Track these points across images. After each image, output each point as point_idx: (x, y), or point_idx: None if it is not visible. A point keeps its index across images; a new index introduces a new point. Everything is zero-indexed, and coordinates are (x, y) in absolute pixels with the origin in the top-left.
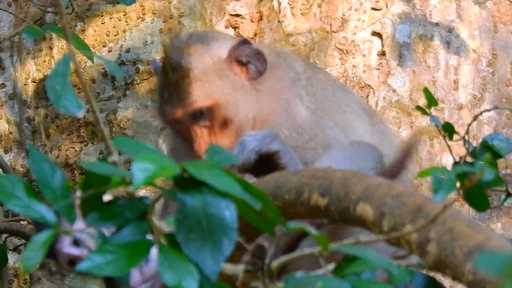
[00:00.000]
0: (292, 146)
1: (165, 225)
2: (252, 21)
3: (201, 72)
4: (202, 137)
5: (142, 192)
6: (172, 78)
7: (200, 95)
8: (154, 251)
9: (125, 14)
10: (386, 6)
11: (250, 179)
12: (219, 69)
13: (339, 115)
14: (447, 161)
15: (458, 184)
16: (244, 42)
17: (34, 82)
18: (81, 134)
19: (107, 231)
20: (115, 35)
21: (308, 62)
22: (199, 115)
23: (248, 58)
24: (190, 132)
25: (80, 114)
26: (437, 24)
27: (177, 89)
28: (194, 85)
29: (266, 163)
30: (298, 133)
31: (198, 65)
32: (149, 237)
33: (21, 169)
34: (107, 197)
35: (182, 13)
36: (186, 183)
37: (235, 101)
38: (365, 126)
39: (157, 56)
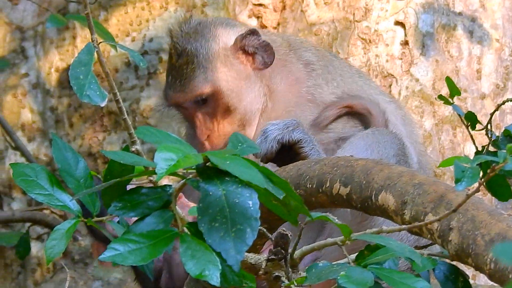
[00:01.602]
0: (328, 129)
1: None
2: (275, 11)
3: (205, 58)
4: (205, 123)
5: (165, 181)
6: (176, 63)
7: (203, 81)
8: None
9: (148, 4)
10: None
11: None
12: (224, 57)
13: (362, 97)
14: (470, 150)
15: (480, 174)
16: (253, 32)
17: (57, 71)
18: (104, 124)
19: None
20: (138, 25)
21: (321, 50)
22: (202, 101)
23: (255, 49)
24: (193, 118)
25: (103, 103)
26: (460, 14)
27: (181, 75)
28: (198, 71)
29: (288, 152)
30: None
31: (203, 51)
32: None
33: (44, 158)
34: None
35: (206, 2)
36: (209, 172)
37: (239, 90)
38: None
39: None
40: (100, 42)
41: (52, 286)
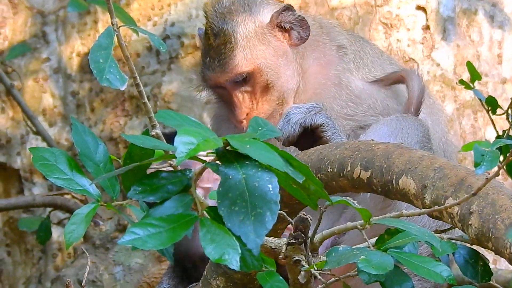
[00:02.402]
0: (350, 116)
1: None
2: None
3: (242, 37)
4: (244, 102)
5: None
6: (214, 43)
7: (242, 60)
8: None
9: None
10: None
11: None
12: (261, 34)
13: (392, 87)
14: (491, 135)
15: (501, 158)
16: (288, 8)
17: (78, 56)
18: (126, 108)
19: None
20: (160, 9)
21: (354, 35)
22: (241, 80)
23: (291, 24)
24: (232, 98)
25: (123, 87)
26: None
27: (219, 55)
28: (236, 50)
29: (310, 135)
30: (357, 104)
31: (240, 30)
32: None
33: (66, 143)
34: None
35: None
36: (229, 156)
37: (277, 67)
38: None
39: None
40: (120, 26)
41: (73, 271)
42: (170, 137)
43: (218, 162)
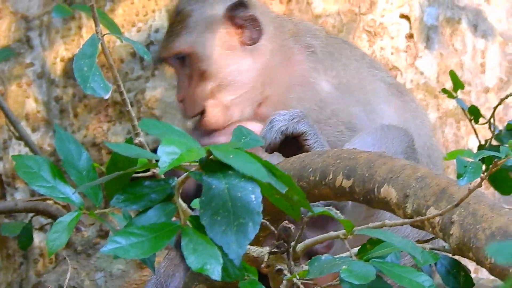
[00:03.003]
0: (313, 121)
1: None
2: (281, 2)
3: (194, 21)
4: (183, 84)
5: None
6: (171, 21)
7: (184, 40)
8: None
9: None
10: None
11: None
12: (212, 24)
13: (361, 93)
14: (473, 143)
15: (483, 167)
16: (241, 4)
17: (62, 61)
18: (109, 114)
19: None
20: (144, 15)
21: (334, 37)
22: (181, 61)
23: (244, 22)
24: (177, 77)
25: (107, 96)
26: (464, 7)
27: (170, 31)
28: (184, 30)
29: (294, 143)
30: (321, 107)
31: (195, 14)
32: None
33: (49, 148)
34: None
35: None
36: (212, 166)
37: (217, 58)
38: (386, 107)
39: None
40: (105, 34)
41: (54, 277)
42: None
43: (201, 171)
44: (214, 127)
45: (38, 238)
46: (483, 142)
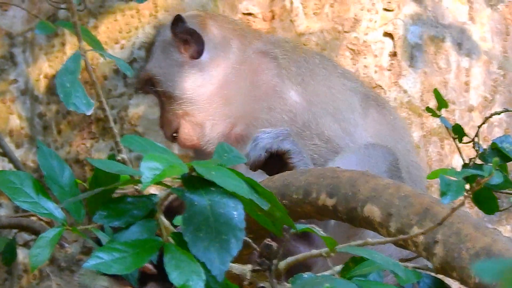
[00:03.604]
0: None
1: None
2: (264, 20)
3: (154, 48)
4: (161, 109)
5: (152, 189)
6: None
7: (146, 68)
8: None
9: (138, 11)
10: (398, 7)
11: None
12: (165, 46)
13: (331, 100)
14: (457, 162)
15: (467, 186)
16: (178, 19)
17: (46, 78)
18: (92, 131)
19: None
20: (127, 32)
21: (300, 46)
22: (151, 88)
23: (187, 37)
24: (158, 104)
25: (89, 112)
26: (448, 26)
27: (144, 61)
28: (147, 59)
29: (278, 160)
30: (291, 118)
31: (156, 41)
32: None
33: (32, 164)
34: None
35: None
36: (195, 182)
37: (172, 77)
38: (359, 118)
39: None
40: (88, 50)
41: None
42: None
43: (183, 188)
44: (189, 144)
45: (22, 254)
46: (467, 161)
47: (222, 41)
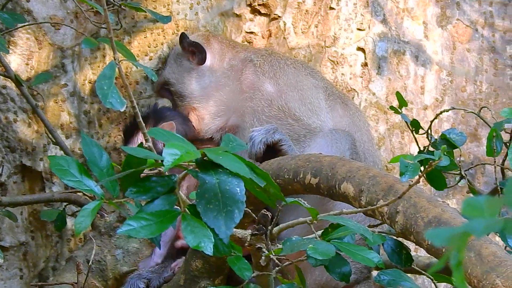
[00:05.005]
0: (266, 116)
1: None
2: (263, 37)
3: (169, 58)
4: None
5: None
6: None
7: (162, 74)
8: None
9: (163, 30)
10: (369, 27)
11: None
12: (177, 56)
13: (299, 91)
14: (415, 150)
15: (422, 168)
16: (182, 36)
17: (90, 82)
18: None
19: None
20: (155, 47)
21: (276, 52)
22: (167, 90)
23: (193, 48)
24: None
25: (122, 109)
26: (408, 42)
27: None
28: (163, 68)
29: (271, 150)
30: (268, 105)
31: (170, 54)
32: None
33: (79, 151)
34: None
35: (208, 30)
36: (206, 165)
37: (182, 80)
38: (323, 104)
39: None
40: (121, 60)
41: (83, 253)
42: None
43: (197, 169)
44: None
45: (70, 223)
46: (422, 149)
47: (219, 52)
